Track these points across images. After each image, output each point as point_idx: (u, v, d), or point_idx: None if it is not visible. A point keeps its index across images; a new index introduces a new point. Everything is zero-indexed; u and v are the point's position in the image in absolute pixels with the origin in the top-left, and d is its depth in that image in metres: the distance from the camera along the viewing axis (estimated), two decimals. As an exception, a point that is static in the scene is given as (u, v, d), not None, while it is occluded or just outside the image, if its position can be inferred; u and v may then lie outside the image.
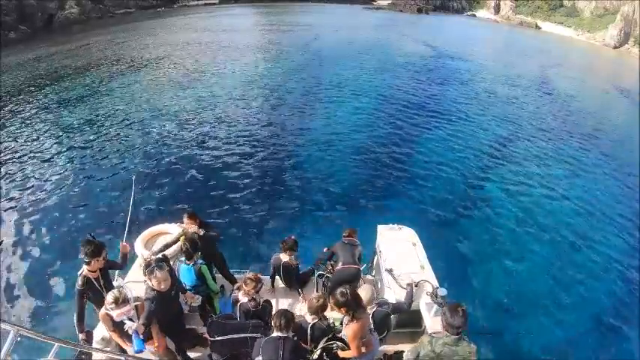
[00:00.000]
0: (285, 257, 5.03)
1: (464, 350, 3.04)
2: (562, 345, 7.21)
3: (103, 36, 32.34)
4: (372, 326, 3.84)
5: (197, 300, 4.56)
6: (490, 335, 7.02)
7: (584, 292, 8.48)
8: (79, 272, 3.99)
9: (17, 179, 11.21)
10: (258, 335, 3.68)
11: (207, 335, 3.76)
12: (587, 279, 8.84)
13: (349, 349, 3.64)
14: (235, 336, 3.73)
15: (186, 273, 4.61)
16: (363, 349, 3.59)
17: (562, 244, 9.88)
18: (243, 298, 4.07)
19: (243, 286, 4.07)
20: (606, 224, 10.99)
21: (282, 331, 3.30)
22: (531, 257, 9.27)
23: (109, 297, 3.55)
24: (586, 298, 8.33)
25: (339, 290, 3.54)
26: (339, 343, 3.76)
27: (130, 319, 3.63)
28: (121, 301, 3.52)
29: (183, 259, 4.68)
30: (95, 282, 3.99)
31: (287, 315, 3.38)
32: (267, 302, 4.40)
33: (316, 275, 5.47)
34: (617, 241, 10.32)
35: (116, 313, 3.54)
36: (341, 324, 3.79)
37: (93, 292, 4.00)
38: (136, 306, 3.73)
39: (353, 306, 3.48)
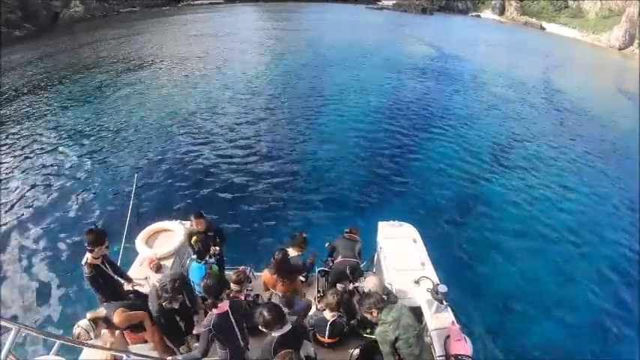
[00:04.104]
0: (292, 253, 5.00)
1: (399, 303, 3.76)
2: (562, 345, 7.16)
3: (107, 34, 32.43)
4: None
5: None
6: (490, 333, 7.00)
7: (586, 291, 8.42)
8: (83, 261, 3.94)
9: (18, 176, 11.25)
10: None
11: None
12: (588, 279, 8.78)
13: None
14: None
15: (196, 271, 4.63)
16: (276, 297, 4.47)
17: (563, 244, 9.82)
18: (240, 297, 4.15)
19: (233, 286, 4.15)
20: (607, 226, 10.90)
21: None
22: (532, 255, 9.21)
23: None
24: (587, 298, 8.27)
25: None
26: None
27: None
28: None
29: (194, 257, 4.71)
30: (103, 267, 3.98)
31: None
32: (257, 296, 4.69)
33: (317, 271, 5.46)
34: (617, 243, 10.23)
35: None
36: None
37: (104, 279, 3.97)
38: None
39: (272, 263, 4.41)
